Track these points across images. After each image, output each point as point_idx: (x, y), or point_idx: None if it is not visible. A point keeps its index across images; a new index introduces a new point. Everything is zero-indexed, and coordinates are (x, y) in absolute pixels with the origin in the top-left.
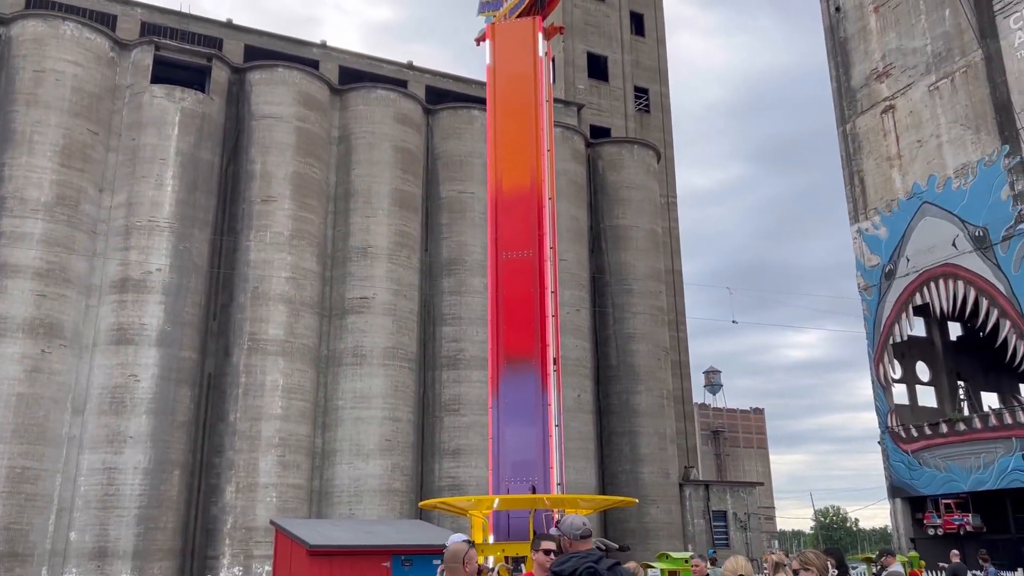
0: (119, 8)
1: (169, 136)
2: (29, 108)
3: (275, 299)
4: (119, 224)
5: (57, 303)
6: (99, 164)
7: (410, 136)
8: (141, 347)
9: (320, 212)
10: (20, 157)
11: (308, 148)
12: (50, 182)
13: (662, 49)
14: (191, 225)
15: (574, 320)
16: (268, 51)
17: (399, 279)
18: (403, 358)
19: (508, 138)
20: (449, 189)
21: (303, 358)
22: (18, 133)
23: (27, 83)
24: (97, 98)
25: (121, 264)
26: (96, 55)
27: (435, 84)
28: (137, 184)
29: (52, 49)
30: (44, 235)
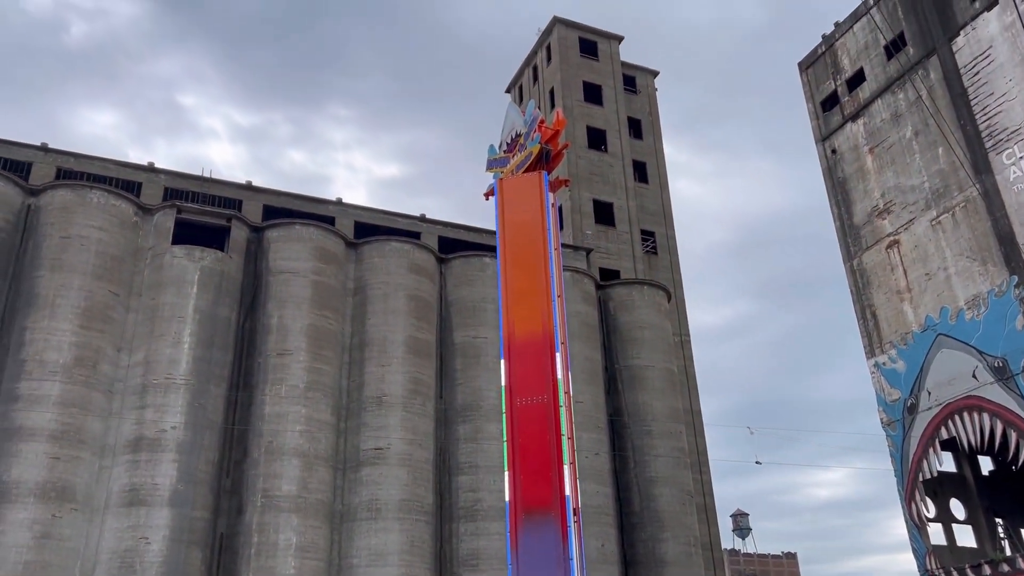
0: (144, 176)
1: (188, 294)
2: (53, 272)
3: (289, 453)
4: (136, 383)
5: (70, 465)
6: (118, 324)
7: (424, 285)
8: (153, 508)
9: (335, 363)
10: (42, 320)
11: (324, 300)
12: (69, 344)
13: (665, 194)
14: (207, 381)
15: (593, 464)
16: (286, 209)
17: (414, 427)
18: (419, 511)
19: (518, 286)
20: (463, 335)
21: (317, 514)
22: (41, 297)
23: (53, 249)
24: (119, 260)
25: (136, 423)
26: (120, 220)
27: (447, 234)
28: (155, 342)
29: (79, 216)
30: (61, 397)
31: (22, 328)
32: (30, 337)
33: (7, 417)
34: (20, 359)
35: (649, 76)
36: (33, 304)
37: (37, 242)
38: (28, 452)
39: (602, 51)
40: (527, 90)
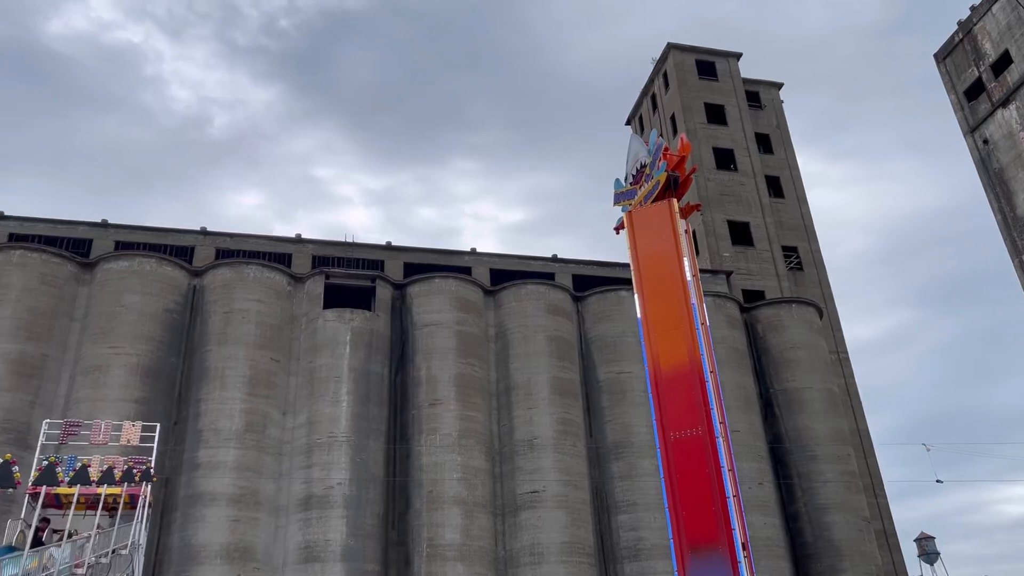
0: (293, 247)
1: (342, 355)
2: (220, 346)
3: (449, 501)
4: (301, 443)
5: (249, 526)
6: (281, 389)
7: (562, 325)
8: (327, 563)
9: (484, 409)
10: (214, 391)
11: (468, 349)
12: (240, 411)
13: (804, 207)
14: (366, 436)
15: (758, 495)
16: (424, 265)
17: (567, 468)
18: (581, 552)
19: (659, 317)
20: (606, 371)
21: (481, 560)
22: (212, 369)
23: (218, 323)
24: (277, 328)
25: (304, 482)
26: (275, 291)
27: (580, 272)
28: (316, 403)
29: (238, 291)
30: (236, 462)
31: (197, 400)
32: (205, 408)
33: (191, 484)
34: (198, 429)
35: (773, 89)
36: (205, 377)
37: (204, 318)
38: (211, 516)
39: (720, 70)
40: (647, 120)
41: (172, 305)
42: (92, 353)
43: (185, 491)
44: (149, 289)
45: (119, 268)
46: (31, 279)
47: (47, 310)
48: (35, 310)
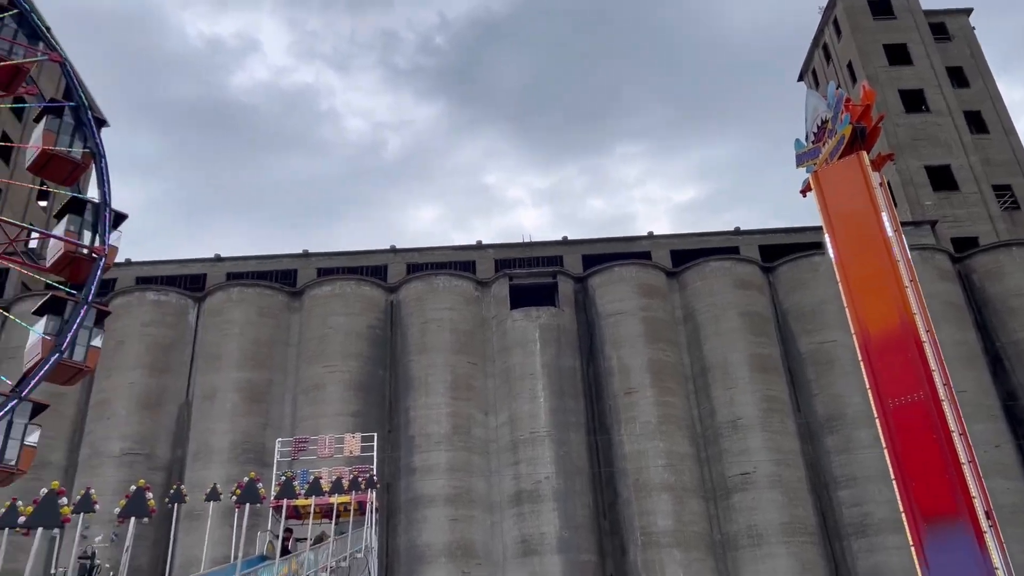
0: (475, 254)
1: (533, 352)
2: (421, 355)
3: (657, 488)
4: (506, 441)
5: (467, 524)
6: (481, 390)
7: (753, 299)
8: (545, 556)
9: (681, 394)
10: (420, 398)
11: (656, 334)
12: (446, 415)
13: (1014, 139)
14: (566, 430)
15: (997, 459)
16: (602, 255)
17: (777, 447)
18: (802, 532)
19: (861, 280)
20: (808, 343)
21: (697, 546)
22: (416, 378)
23: (416, 334)
24: (470, 333)
25: (514, 478)
26: (464, 298)
27: (766, 242)
28: (514, 401)
29: (431, 302)
30: (448, 463)
31: (406, 408)
32: (413, 415)
33: (410, 488)
34: (409, 435)
35: (961, 16)
36: (410, 385)
37: (403, 331)
38: (432, 517)
39: (897, 6)
40: (821, 73)
41: (374, 322)
42: (309, 374)
43: (406, 495)
44: (351, 309)
45: (323, 293)
46: (250, 313)
47: (266, 339)
48: (257, 340)
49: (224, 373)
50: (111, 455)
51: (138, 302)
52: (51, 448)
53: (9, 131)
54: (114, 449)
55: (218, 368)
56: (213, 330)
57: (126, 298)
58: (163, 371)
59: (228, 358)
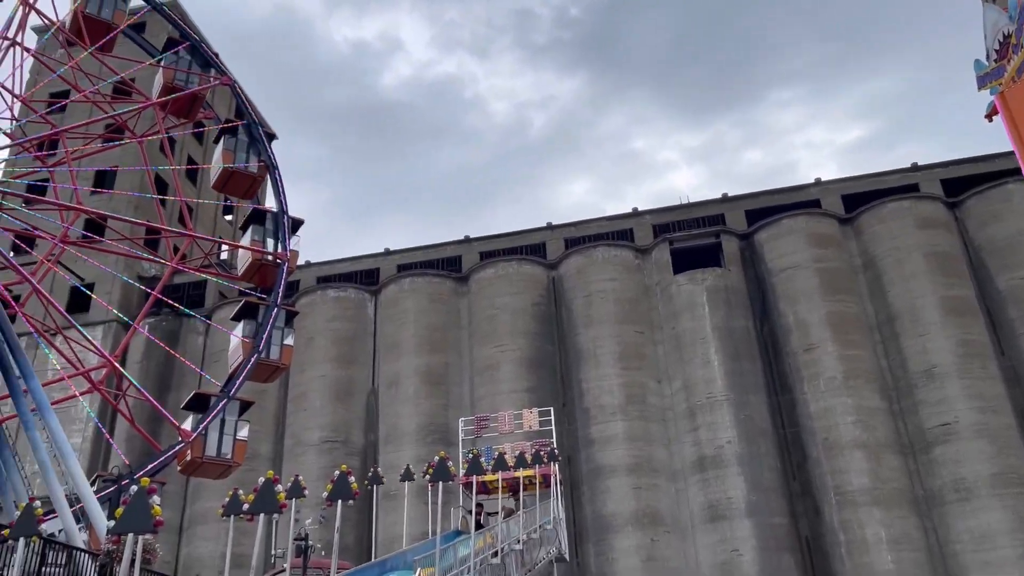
0: (632, 222)
1: (702, 316)
2: (587, 328)
3: (848, 446)
4: (682, 408)
5: (651, 492)
6: (651, 358)
7: (939, 237)
8: (734, 520)
9: (866, 346)
10: (591, 371)
11: (834, 286)
12: (618, 386)
13: None
14: (745, 392)
15: None
16: (766, 209)
17: (980, 394)
18: (1017, 483)
19: None
20: (1007, 280)
21: (898, 503)
22: (584, 351)
23: (581, 307)
24: (635, 302)
25: (694, 445)
26: (625, 267)
27: (949, 175)
28: (687, 367)
29: (592, 274)
30: (625, 433)
31: (578, 380)
32: (586, 387)
33: (591, 459)
34: (584, 408)
35: None
36: (580, 358)
37: (567, 305)
38: (615, 487)
39: None
40: None
41: (538, 299)
42: (482, 354)
43: (587, 466)
44: (515, 289)
45: (487, 276)
46: (422, 301)
47: (439, 325)
48: (431, 326)
49: (404, 360)
50: (311, 443)
51: (321, 300)
52: (259, 441)
53: (193, 154)
54: (314, 438)
55: (398, 356)
56: (390, 320)
57: (310, 297)
58: (350, 363)
59: (406, 345)
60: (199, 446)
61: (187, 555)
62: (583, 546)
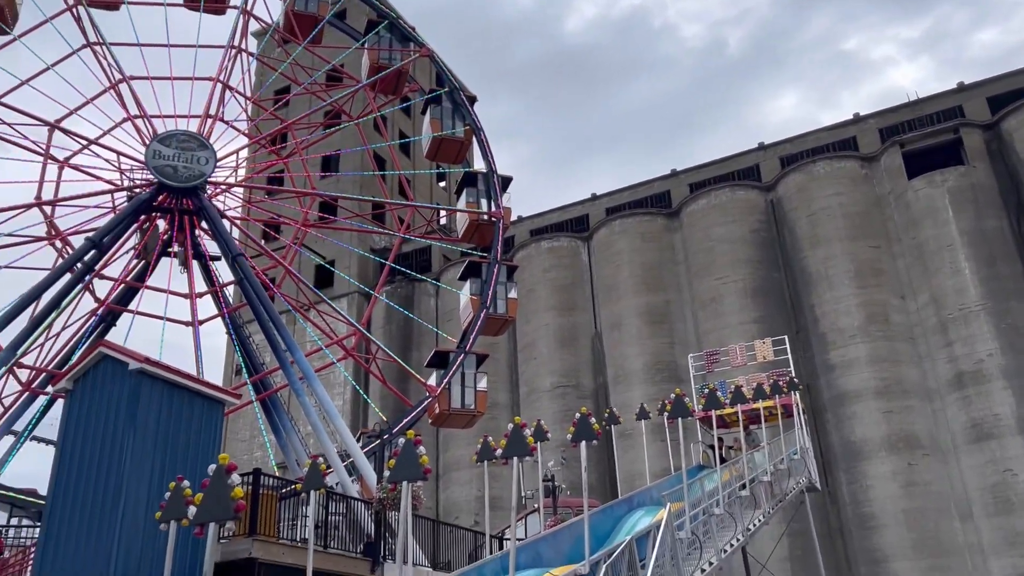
0: (854, 129)
1: (946, 221)
2: (814, 249)
3: None
4: (931, 323)
5: (904, 415)
6: (890, 274)
7: None
8: (1003, 439)
9: None
10: (823, 293)
11: None
12: (855, 306)
13: None
14: (1004, 299)
15: None
16: (1013, 93)
17: None
18: None
19: None
20: None
21: None
22: (814, 274)
23: (804, 228)
24: (865, 216)
25: (949, 361)
26: (850, 178)
27: None
28: (933, 278)
29: (814, 191)
30: (869, 355)
31: (810, 306)
32: (820, 312)
33: (831, 386)
34: (820, 333)
35: None
36: (809, 282)
37: (789, 228)
38: (862, 412)
39: None
40: None
41: (756, 225)
42: (703, 288)
43: (828, 393)
44: (730, 217)
45: (699, 208)
46: (634, 241)
47: (654, 263)
48: (646, 265)
49: (624, 302)
50: (544, 390)
51: (536, 252)
52: (496, 391)
53: (403, 128)
54: (545, 384)
55: (617, 298)
56: (604, 264)
57: (526, 251)
58: (571, 309)
59: (624, 287)
60: (445, 399)
61: (444, 500)
62: (833, 475)
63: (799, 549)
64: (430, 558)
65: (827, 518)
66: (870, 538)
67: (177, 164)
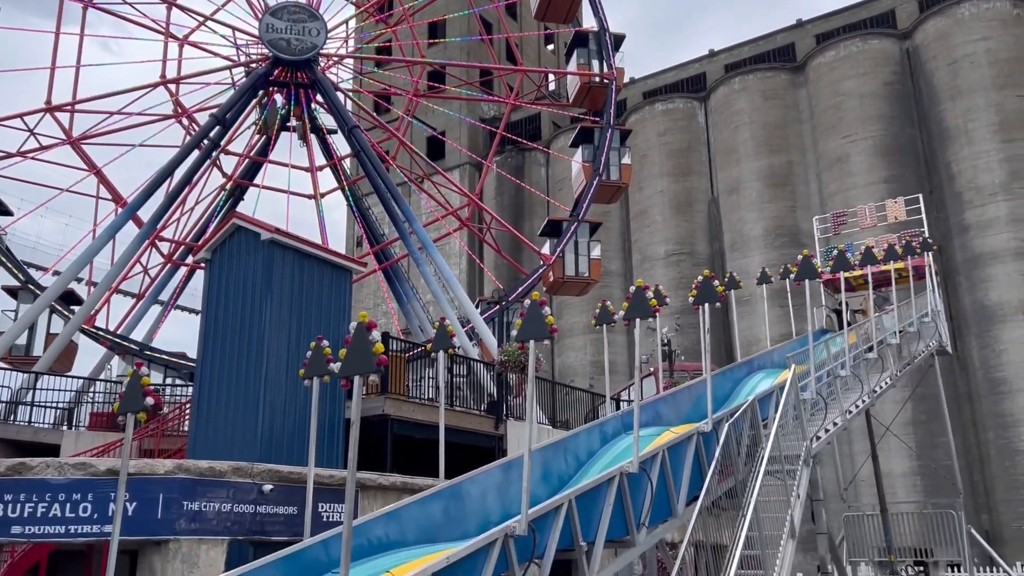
0: None
1: None
2: (954, 101)
3: None
4: None
5: None
6: None
7: None
8: None
9: None
10: (961, 149)
11: None
12: (998, 162)
13: None
14: None
15: None
16: None
17: None
18: None
19: None
20: None
21: None
22: (952, 128)
23: (944, 79)
24: (1016, 62)
25: None
26: (1000, 21)
27: None
28: None
29: (957, 37)
30: (1009, 215)
31: (946, 163)
32: (956, 169)
33: (965, 247)
34: (955, 192)
35: None
36: (946, 137)
37: (927, 79)
38: (998, 274)
39: None
40: None
41: (890, 77)
42: (829, 148)
43: (961, 255)
44: (861, 69)
45: (827, 60)
46: (755, 99)
47: (777, 122)
48: (767, 125)
49: (743, 165)
50: (658, 257)
51: (650, 115)
52: (609, 259)
53: None
54: (659, 252)
55: (736, 161)
56: (722, 126)
57: (638, 114)
58: (686, 174)
59: (743, 149)
60: (559, 267)
61: (560, 364)
62: (963, 339)
63: (923, 414)
64: (549, 417)
65: (955, 383)
66: (1001, 403)
67: (290, 37)
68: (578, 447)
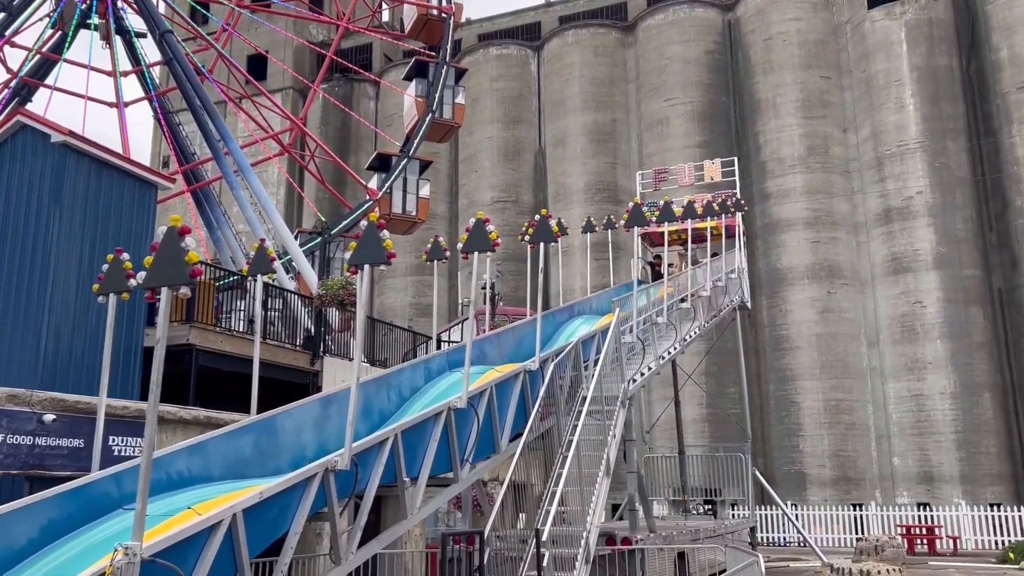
0: None
1: (898, 55)
2: (766, 75)
3: None
4: (869, 158)
5: (830, 246)
6: (837, 106)
7: None
8: (919, 273)
9: None
10: (768, 121)
11: None
12: (799, 136)
13: None
14: (942, 139)
15: None
16: None
17: None
18: None
19: None
20: None
21: None
22: (762, 101)
23: (760, 53)
24: (821, 44)
25: (880, 196)
26: (812, 4)
27: None
28: (877, 113)
29: (774, 14)
30: (805, 186)
31: (755, 133)
32: (763, 139)
33: (766, 213)
34: (760, 161)
35: None
36: (757, 109)
37: (745, 52)
38: (790, 241)
39: None
40: None
41: (712, 46)
42: (651, 109)
43: (761, 220)
44: (687, 36)
45: (656, 23)
46: (586, 54)
47: (605, 79)
48: (595, 81)
49: (571, 118)
50: (484, 203)
51: (484, 59)
52: (435, 201)
53: None
54: (485, 198)
55: (564, 114)
56: (554, 77)
57: (472, 56)
58: (516, 122)
59: (571, 103)
60: (386, 203)
61: (379, 304)
62: (756, 299)
63: (715, 365)
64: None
65: (745, 338)
66: (782, 359)
67: None
68: (402, 383)
